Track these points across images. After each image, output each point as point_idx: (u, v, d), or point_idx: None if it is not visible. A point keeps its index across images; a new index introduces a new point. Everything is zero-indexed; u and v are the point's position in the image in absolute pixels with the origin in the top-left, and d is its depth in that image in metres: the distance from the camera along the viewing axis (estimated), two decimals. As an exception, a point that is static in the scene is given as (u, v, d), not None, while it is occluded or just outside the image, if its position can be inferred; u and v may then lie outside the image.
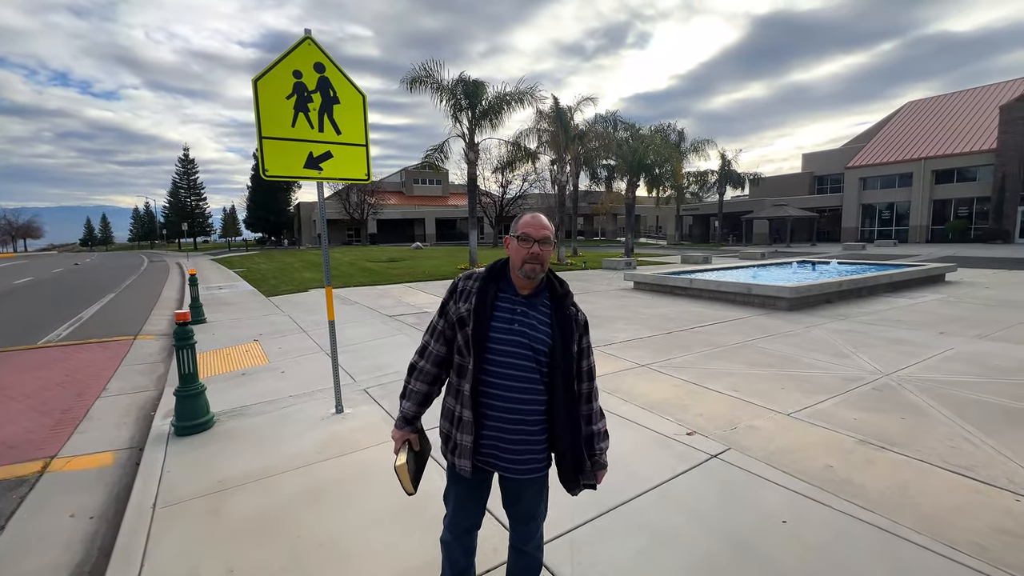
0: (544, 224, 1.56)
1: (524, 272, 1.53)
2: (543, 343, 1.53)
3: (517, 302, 1.57)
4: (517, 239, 1.54)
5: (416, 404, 1.71)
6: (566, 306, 1.59)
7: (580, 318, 1.62)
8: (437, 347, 1.67)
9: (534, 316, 1.56)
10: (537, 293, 1.59)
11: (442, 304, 1.68)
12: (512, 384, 1.54)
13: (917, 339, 5.99)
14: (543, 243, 1.53)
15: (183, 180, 64.56)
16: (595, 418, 1.67)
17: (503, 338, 1.54)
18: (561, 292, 1.61)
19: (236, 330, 7.73)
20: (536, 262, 1.52)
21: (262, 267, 20.75)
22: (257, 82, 3.52)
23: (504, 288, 1.60)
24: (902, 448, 3.17)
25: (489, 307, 1.55)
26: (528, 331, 1.53)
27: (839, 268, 13.01)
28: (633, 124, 22.52)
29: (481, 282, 1.60)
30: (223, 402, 4.36)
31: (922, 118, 35.53)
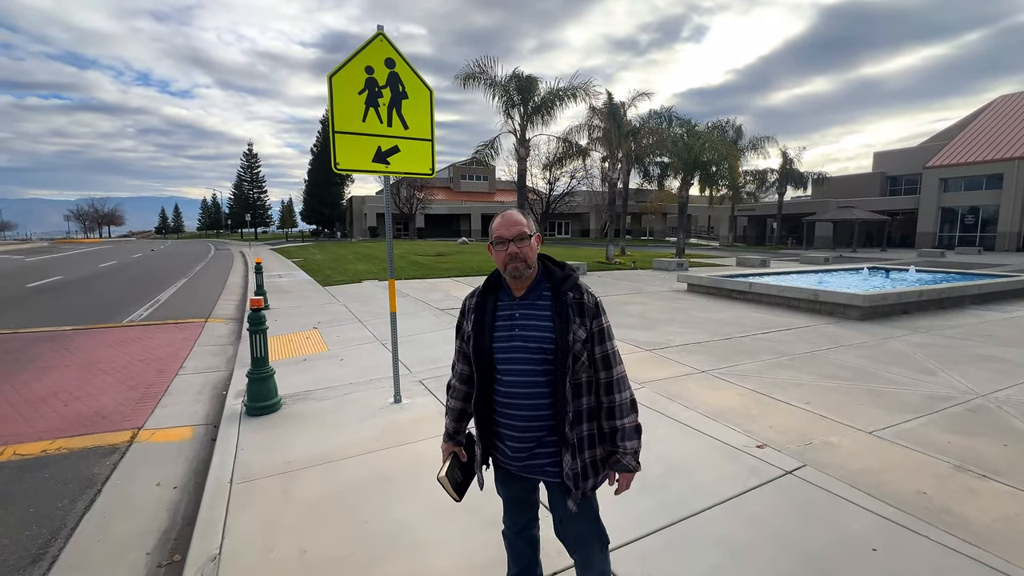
0: (515, 220, 1.51)
1: (509, 273, 1.50)
2: (545, 339, 1.46)
3: (515, 306, 1.53)
4: (492, 245, 1.52)
5: (454, 420, 1.71)
6: (563, 292, 1.50)
7: (586, 301, 1.51)
8: (461, 366, 1.68)
9: (534, 315, 1.50)
10: (533, 289, 1.54)
11: (457, 325, 1.69)
12: (519, 391, 1.50)
13: (1015, 357, 5.41)
14: (519, 240, 1.47)
15: (246, 173, 68.51)
16: (620, 412, 1.54)
17: (506, 347, 1.51)
18: (560, 276, 1.53)
19: (296, 318, 8.09)
20: (518, 261, 1.47)
21: (317, 257, 21.67)
22: (332, 78, 3.63)
23: (502, 296, 1.57)
24: (1007, 478, 2.85)
25: (489, 320, 1.53)
26: (529, 332, 1.48)
27: (917, 276, 12.01)
28: (689, 120, 21.73)
29: (479, 297, 1.60)
30: (288, 386, 4.55)
31: (1016, 113, 32.18)
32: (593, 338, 1.50)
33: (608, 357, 1.53)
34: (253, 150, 68.92)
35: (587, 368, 1.50)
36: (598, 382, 1.53)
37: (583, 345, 1.47)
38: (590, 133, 19.82)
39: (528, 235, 1.49)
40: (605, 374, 1.53)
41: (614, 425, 1.55)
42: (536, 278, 1.54)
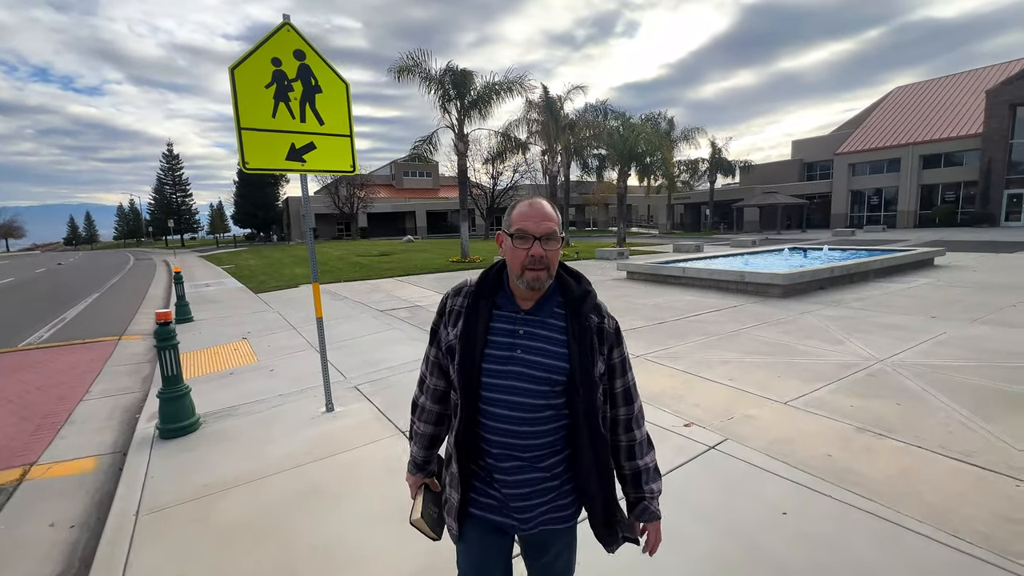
0: (547, 213, 1.18)
1: (526, 282, 1.17)
2: (556, 369, 1.19)
3: (518, 320, 1.23)
4: (512, 237, 1.18)
5: (423, 447, 1.40)
6: (584, 313, 1.22)
7: (607, 326, 1.25)
8: (434, 380, 1.36)
9: (542, 335, 1.21)
10: (544, 302, 1.24)
11: (432, 329, 1.35)
12: (518, 429, 1.21)
13: (910, 324, 6.00)
14: (547, 240, 1.16)
15: (168, 176, 63.51)
16: (640, 450, 1.31)
17: (501, 370, 1.20)
18: (578, 293, 1.24)
19: (224, 328, 7.58)
20: (540, 267, 1.16)
21: (251, 263, 20.47)
22: (234, 70, 3.37)
23: (501, 303, 1.25)
24: (900, 435, 3.14)
25: (481, 332, 1.21)
26: (534, 357, 1.20)
27: (830, 254, 13.06)
28: (623, 113, 22.40)
29: (471, 299, 1.26)
30: (210, 403, 4.25)
31: (909, 104, 35.70)
32: (615, 370, 1.28)
33: (630, 391, 1.31)
34: (174, 150, 63.91)
35: (601, 403, 1.25)
36: (615, 419, 1.30)
37: (600, 378, 1.23)
38: (529, 127, 19.94)
39: (558, 236, 1.19)
40: (626, 410, 1.30)
41: (636, 467, 1.31)
42: (549, 290, 1.24)
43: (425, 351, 1.39)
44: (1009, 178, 27.94)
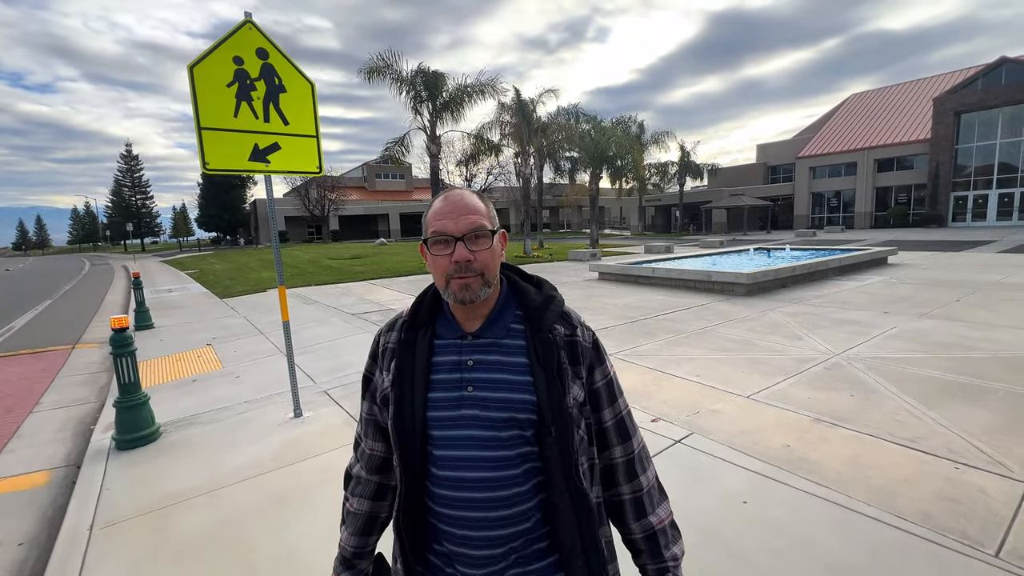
0: (467, 204, 0.90)
1: (453, 296, 0.89)
2: (521, 404, 0.88)
3: (465, 348, 0.93)
4: (427, 245, 0.91)
5: (355, 533, 1.05)
6: (546, 325, 0.93)
7: (580, 338, 0.95)
8: (370, 443, 1.04)
9: (497, 362, 0.91)
10: (496, 319, 0.94)
11: (364, 377, 1.05)
12: (483, 496, 0.87)
13: (864, 319, 6.30)
14: (474, 239, 0.88)
15: (127, 178, 60.92)
16: (650, 502, 0.98)
17: (450, 417, 0.89)
18: (538, 300, 0.95)
19: (187, 335, 7.33)
20: (470, 274, 0.87)
21: (216, 268, 19.82)
22: (193, 68, 3.29)
23: (442, 330, 0.96)
24: (853, 424, 3.30)
25: (420, 371, 0.91)
26: (491, 393, 0.89)
27: (792, 254, 13.57)
28: (595, 116, 22.72)
29: (402, 332, 0.97)
30: (171, 411, 4.11)
31: (865, 110, 37.45)
32: (599, 397, 0.96)
33: (623, 422, 0.98)
34: (133, 151, 61.36)
35: (587, 447, 0.93)
36: (611, 465, 0.98)
37: (580, 410, 0.92)
38: (501, 129, 20.00)
39: (489, 230, 0.90)
40: (622, 449, 0.98)
41: (649, 527, 0.97)
42: (499, 302, 0.95)
43: (360, 409, 1.07)
44: (955, 181, 29.65)
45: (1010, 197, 28.14)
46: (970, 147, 29.24)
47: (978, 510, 2.34)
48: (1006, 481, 2.57)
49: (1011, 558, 2.03)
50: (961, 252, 14.74)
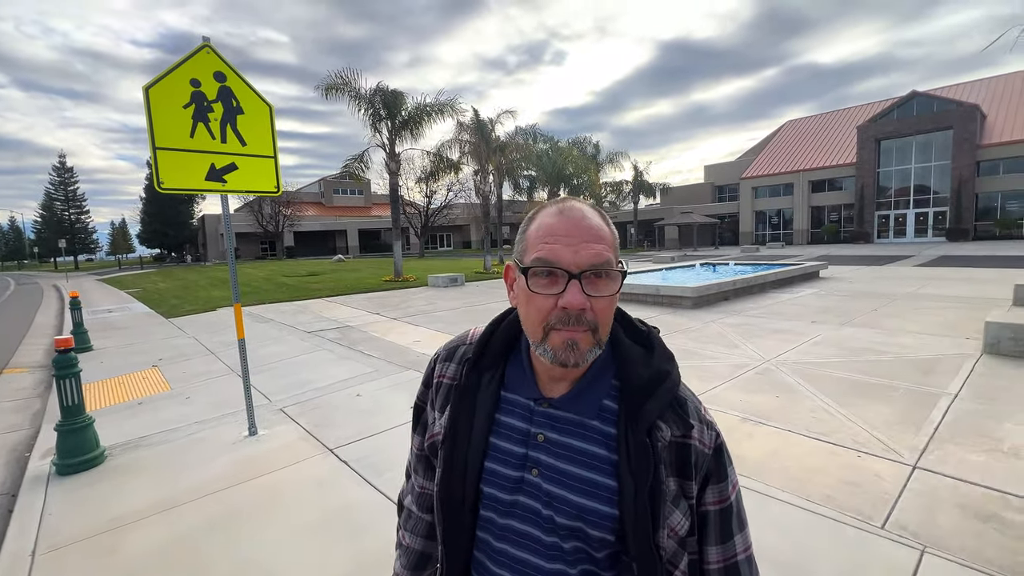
0: (593, 228, 0.66)
1: (552, 353, 0.65)
2: (595, 515, 0.66)
3: (538, 417, 0.71)
4: (527, 275, 0.65)
5: (409, 568, 0.90)
6: (648, 417, 0.66)
7: (697, 442, 0.68)
8: (421, 480, 0.88)
9: (576, 449, 0.69)
10: (588, 387, 0.71)
11: (415, 405, 0.88)
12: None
13: (794, 328, 6.87)
14: (595, 277, 0.64)
15: (59, 191, 56.89)
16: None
17: (504, 501, 0.71)
18: (642, 380, 0.68)
19: (130, 356, 7.02)
20: (580, 327, 0.64)
21: (160, 286, 18.87)
22: (148, 90, 3.33)
23: (513, 382, 0.74)
24: (775, 422, 3.67)
25: (479, 432, 0.72)
26: (558, 490, 0.68)
27: (736, 268, 14.46)
28: (552, 137, 23.53)
29: (466, 367, 0.76)
30: (116, 435, 3.98)
31: (799, 135, 40.53)
32: (705, 525, 0.70)
33: (736, 569, 0.71)
34: (67, 163, 57.48)
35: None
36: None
37: (682, 543, 0.68)
38: (461, 147, 20.32)
39: (616, 269, 0.65)
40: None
41: None
42: (596, 365, 0.71)
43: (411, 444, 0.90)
44: (878, 201, 32.46)
45: (925, 216, 31.09)
46: (890, 170, 32.18)
47: (872, 490, 2.70)
48: (897, 465, 2.96)
49: (894, 528, 2.37)
50: (883, 266, 16.17)
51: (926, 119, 30.15)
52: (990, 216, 29.26)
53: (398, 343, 6.96)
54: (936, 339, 5.89)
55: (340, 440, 3.70)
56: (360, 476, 3.14)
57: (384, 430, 3.85)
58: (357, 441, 3.67)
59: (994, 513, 2.45)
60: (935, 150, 30.28)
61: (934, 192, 30.59)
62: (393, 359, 6.05)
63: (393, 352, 6.43)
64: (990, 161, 28.81)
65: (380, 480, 3.06)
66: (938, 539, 2.27)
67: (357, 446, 3.58)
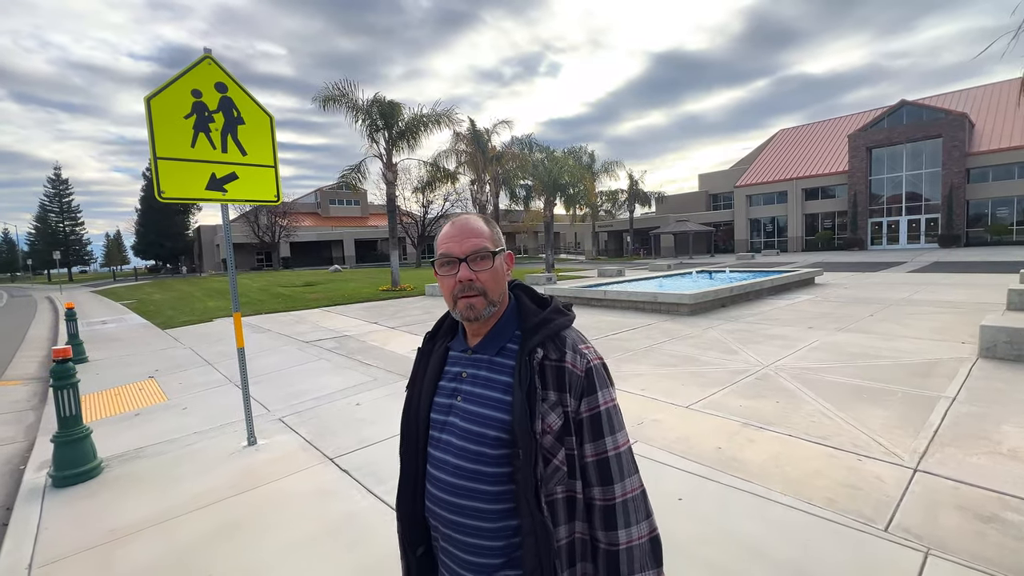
0: (472, 228, 0.99)
1: (459, 314, 0.98)
2: (494, 422, 0.92)
3: (464, 361, 1.02)
4: (436, 266, 1.01)
5: None
6: (531, 347, 0.94)
7: (570, 365, 0.93)
8: None
9: (485, 378, 0.98)
10: (494, 336, 1.00)
11: None
12: (460, 503, 0.94)
13: (791, 334, 6.91)
14: (476, 259, 0.96)
15: (54, 203, 56.75)
16: (627, 562, 0.91)
17: (441, 422, 1.00)
18: (530, 324, 0.98)
19: (126, 368, 6.97)
20: (472, 293, 0.95)
21: (156, 297, 18.77)
22: (150, 100, 3.36)
23: (455, 344, 1.07)
24: (776, 426, 3.68)
25: (430, 377, 1.04)
26: (473, 407, 0.96)
27: (732, 276, 14.54)
28: (547, 147, 23.71)
29: (426, 341, 1.12)
30: (113, 447, 3.95)
31: (792, 144, 41.01)
32: (581, 428, 0.92)
33: (607, 463, 0.93)
34: (61, 175, 57.40)
35: (564, 477, 0.92)
36: (590, 502, 0.93)
37: (558, 439, 0.91)
38: (458, 158, 20.47)
39: (491, 252, 0.98)
40: (601, 492, 0.93)
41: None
42: (502, 320, 1.01)
43: None
44: (871, 208, 32.80)
45: (917, 223, 31.42)
46: (882, 178, 32.58)
47: (874, 493, 2.71)
48: (898, 468, 2.97)
49: (897, 531, 2.37)
50: (877, 272, 16.30)
51: (915, 128, 30.60)
52: (981, 222, 29.61)
53: (397, 352, 6.95)
54: (932, 343, 5.94)
55: (340, 449, 3.68)
56: (361, 485, 3.12)
57: (385, 439, 3.83)
58: (358, 450, 3.65)
59: (994, 514, 2.46)
60: (925, 158, 30.71)
61: (925, 199, 30.96)
62: (392, 368, 6.04)
63: (392, 361, 6.41)
64: (980, 168, 29.23)
65: (382, 489, 3.04)
66: (941, 541, 2.27)
67: (358, 455, 3.56)
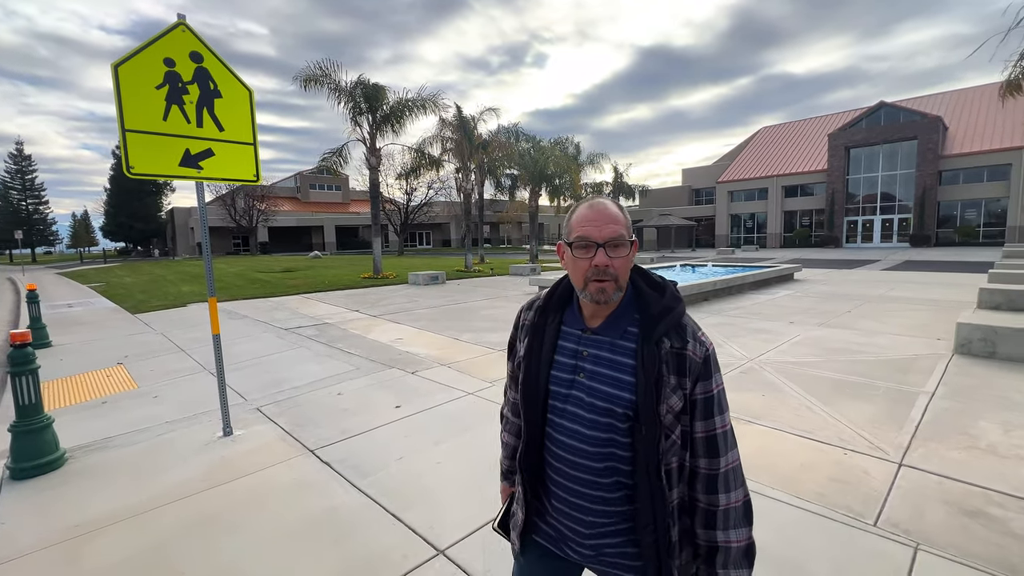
0: (611, 215, 1.03)
1: (589, 296, 1.04)
2: (619, 400, 1.02)
3: (583, 340, 1.09)
4: (571, 246, 1.05)
5: (508, 457, 1.35)
6: (657, 335, 1.02)
7: (691, 352, 1.03)
8: (513, 394, 1.30)
9: (607, 359, 1.06)
10: (616, 320, 1.08)
11: (509, 342, 1.28)
12: (580, 462, 1.06)
13: (774, 328, 7.00)
14: (613, 246, 1.02)
15: (15, 180, 54.13)
16: (722, 521, 1.04)
17: (563, 394, 1.09)
18: (656, 310, 1.05)
19: (93, 354, 6.66)
20: (606, 278, 1.02)
21: (126, 281, 18.08)
22: (118, 67, 3.12)
23: (568, 319, 1.14)
24: (763, 420, 3.69)
25: (547, 351, 1.12)
26: (597, 384, 1.05)
27: (714, 270, 14.71)
28: (534, 136, 23.47)
29: (536, 314, 1.17)
30: (78, 436, 3.74)
31: (773, 141, 41.60)
32: (695, 408, 1.03)
33: (714, 439, 1.04)
34: (24, 150, 54.72)
35: (679, 450, 1.04)
36: (695, 470, 1.06)
37: (677, 417, 1.02)
38: (443, 144, 20.11)
39: (627, 240, 1.03)
40: (707, 463, 1.04)
41: (713, 539, 1.06)
42: (621, 305, 1.08)
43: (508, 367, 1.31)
44: (847, 207, 33.59)
45: (891, 222, 32.32)
46: (859, 178, 33.35)
47: (861, 488, 2.72)
48: (884, 463, 3.00)
49: (886, 525, 2.38)
50: (853, 270, 16.71)
51: (892, 129, 31.34)
52: (950, 223, 30.62)
53: (380, 340, 6.80)
54: (910, 339, 6.07)
55: (321, 440, 3.55)
56: (343, 478, 3.01)
57: (368, 430, 3.72)
58: (339, 441, 3.53)
59: (979, 509, 2.49)
60: (901, 159, 31.51)
61: (899, 199, 31.83)
62: (375, 357, 5.90)
63: (375, 350, 6.27)
64: (951, 171, 30.14)
65: (365, 482, 2.94)
66: (929, 536, 2.29)
67: (339, 446, 3.45)
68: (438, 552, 2.29)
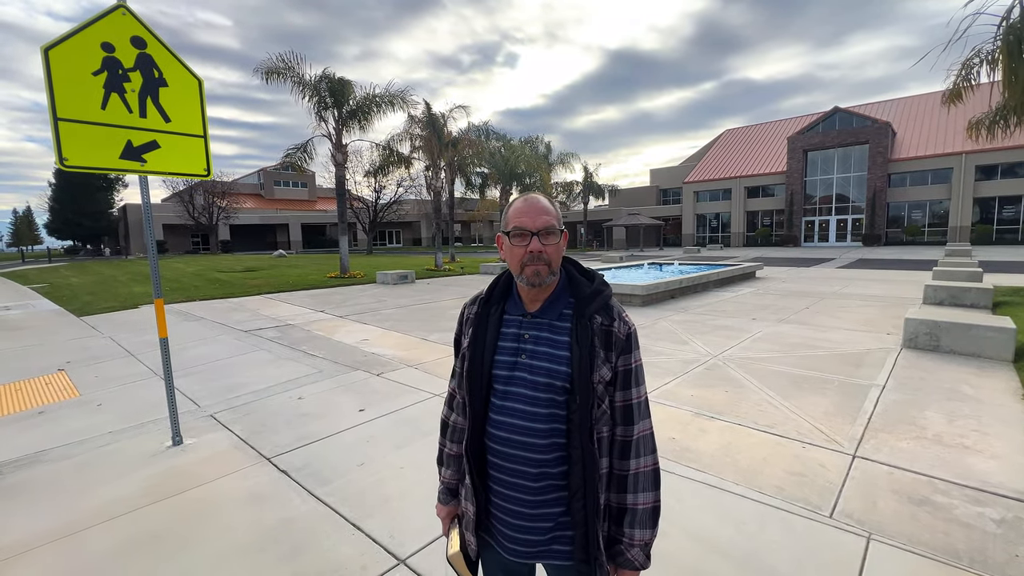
0: (543, 207, 1.16)
1: (525, 280, 1.15)
2: (558, 374, 1.12)
3: (524, 324, 1.19)
4: (509, 236, 1.17)
5: (455, 470, 1.34)
6: (589, 314, 1.15)
7: (616, 329, 1.15)
8: (460, 394, 1.30)
9: (546, 338, 1.16)
10: (552, 303, 1.19)
11: (454, 340, 1.33)
12: (524, 440, 1.14)
13: (736, 325, 7.18)
14: (546, 235, 1.14)
15: (-54, 173, 50.08)
16: (631, 485, 1.16)
17: (507, 376, 1.17)
18: (588, 291, 1.18)
19: (30, 360, 6.20)
20: (540, 263, 1.13)
21: (72, 281, 17.00)
22: (48, 51, 2.89)
23: (511, 307, 1.23)
24: (726, 416, 3.76)
25: (491, 338, 1.20)
26: (537, 362, 1.15)
27: (680, 268, 15.03)
28: (505, 135, 23.46)
29: (480, 306, 1.26)
30: (8, 450, 3.46)
31: (736, 143, 42.93)
32: (617, 379, 1.15)
33: (630, 408, 1.16)
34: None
35: (608, 419, 1.14)
36: (612, 439, 1.16)
37: (606, 388, 1.13)
38: (412, 142, 19.80)
39: (557, 229, 1.15)
40: (623, 431, 1.15)
41: (623, 502, 1.16)
42: (556, 290, 1.20)
43: (453, 366, 1.33)
44: (806, 208, 34.99)
45: (845, 222, 33.87)
46: (815, 179, 34.79)
47: (818, 480, 2.80)
48: (839, 455, 3.09)
49: (841, 517, 2.45)
50: (810, 267, 17.40)
51: (846, 133, 32.83)
52: (899, 224, 32.34)
53: (345, 342, 6.60)
54: (862, 334, 6.34)
55: (279, 448, 3.40)
56: (301, 486, 2.88)
57: (331, 434, 3.58)
58: (298, 448, 3.39)
59: (926, 497, 2.60)
60: (854, 162, 33.06)
61: (852, 201, 33.39)
62: (339, 359, 5.72)
63: (339, 352, 6.08)
64: (899, 174, 31.83)
65: (325, 490, 2.82)
66: (880, 525, 2.37)
67: (298, 453, 3.31)
68: (399, 562, 2.21)
